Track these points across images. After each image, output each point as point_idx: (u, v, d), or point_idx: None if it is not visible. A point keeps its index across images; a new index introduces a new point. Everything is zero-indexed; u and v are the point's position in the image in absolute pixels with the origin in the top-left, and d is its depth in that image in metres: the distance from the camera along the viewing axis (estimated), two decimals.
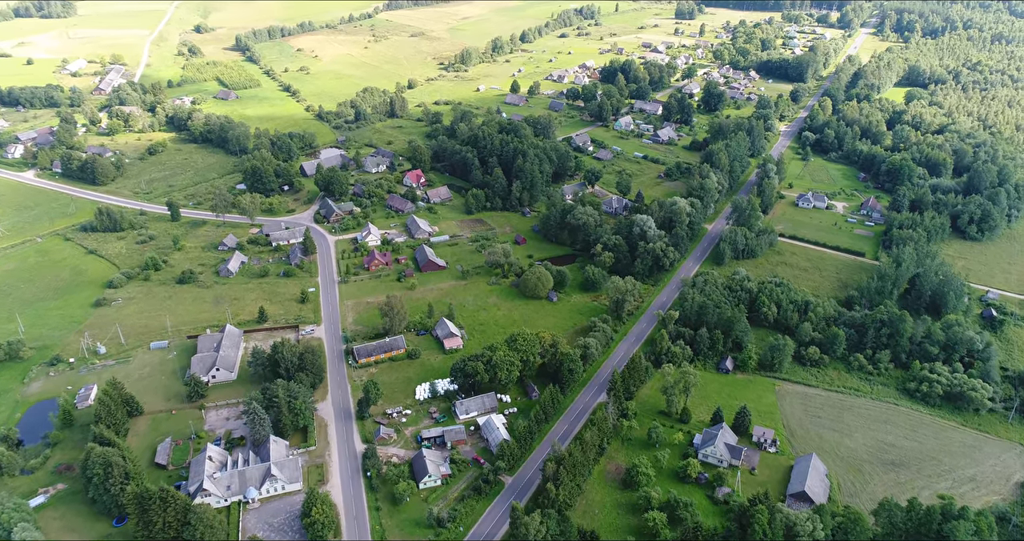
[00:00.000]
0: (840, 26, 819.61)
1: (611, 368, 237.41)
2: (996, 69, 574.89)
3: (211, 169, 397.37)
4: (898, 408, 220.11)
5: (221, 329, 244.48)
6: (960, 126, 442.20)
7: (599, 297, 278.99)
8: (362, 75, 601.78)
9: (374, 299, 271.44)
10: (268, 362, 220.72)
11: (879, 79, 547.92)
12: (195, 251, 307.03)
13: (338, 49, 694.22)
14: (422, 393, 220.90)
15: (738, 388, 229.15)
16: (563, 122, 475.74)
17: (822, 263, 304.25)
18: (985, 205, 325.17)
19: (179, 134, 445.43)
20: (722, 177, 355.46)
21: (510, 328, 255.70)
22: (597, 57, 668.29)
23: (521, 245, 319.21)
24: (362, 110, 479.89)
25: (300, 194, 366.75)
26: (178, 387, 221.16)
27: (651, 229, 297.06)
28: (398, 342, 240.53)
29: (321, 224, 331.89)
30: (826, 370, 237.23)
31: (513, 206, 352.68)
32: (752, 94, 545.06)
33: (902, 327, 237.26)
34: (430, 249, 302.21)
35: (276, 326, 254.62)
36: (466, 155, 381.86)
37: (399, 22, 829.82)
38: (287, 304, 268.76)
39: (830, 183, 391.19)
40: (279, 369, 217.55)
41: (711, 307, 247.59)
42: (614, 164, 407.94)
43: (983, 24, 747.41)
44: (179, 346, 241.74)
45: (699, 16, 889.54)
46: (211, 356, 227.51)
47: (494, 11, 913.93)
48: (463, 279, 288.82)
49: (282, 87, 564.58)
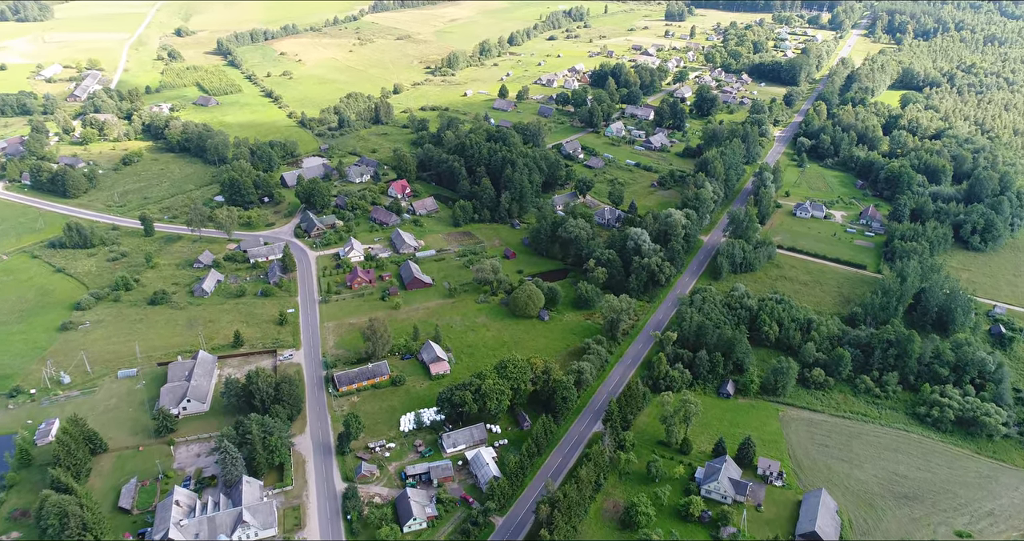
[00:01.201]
0: (831, 27, 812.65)
1: (606, 393, 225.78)
2: (991, 71, 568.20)
3: (188, 180, 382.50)
4: (908, 435, 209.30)
5: (194, 355, 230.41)
6: (957, 131, 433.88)
7: (593, 315, 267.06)
8: (346, 80, 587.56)
9: (356, 320, 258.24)
10: (242, 393, 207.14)
11: (873, 82, 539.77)
12: (169, 269, 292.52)
13: (322, 53, 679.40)
14: (407, 424, 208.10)
15: (740, 414, 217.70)
16: (553, 128, 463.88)
17: (823, 277, 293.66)
18: (988, 214, 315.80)
19: (156, 143, 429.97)
20: (717, 186, 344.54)
21: (500, 351, 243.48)
22: (587, 60, 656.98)
23: (511, 259, 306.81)
24: (346, 117, 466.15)
25: (280, 206, 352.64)
26: (146, 420, 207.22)
27: (646, 243, 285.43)
28: (381, 368, 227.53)
29: (302, 239, 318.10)
30: (831, 393, 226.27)
31: (502, 218, 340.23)
32: (745, 98, 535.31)
33: (910, 348, 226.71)
34: (415, 265, 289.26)
35: (253, 351, 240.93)
36: (453, 164, 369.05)
37: (385, 24, 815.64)
38: (265, 326, 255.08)
39: (827, 191, 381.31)
40: (254, 401, 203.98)
41: (710, 327, 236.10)
42: (606, 172, 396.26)
43: (975, 25, 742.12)
44: (149, 374, 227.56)
45: (689, 18, 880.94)
46: (182, 386, 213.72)
47: (481, 13, 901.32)
48: (450, 297, 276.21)
49: (264, 93, 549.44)
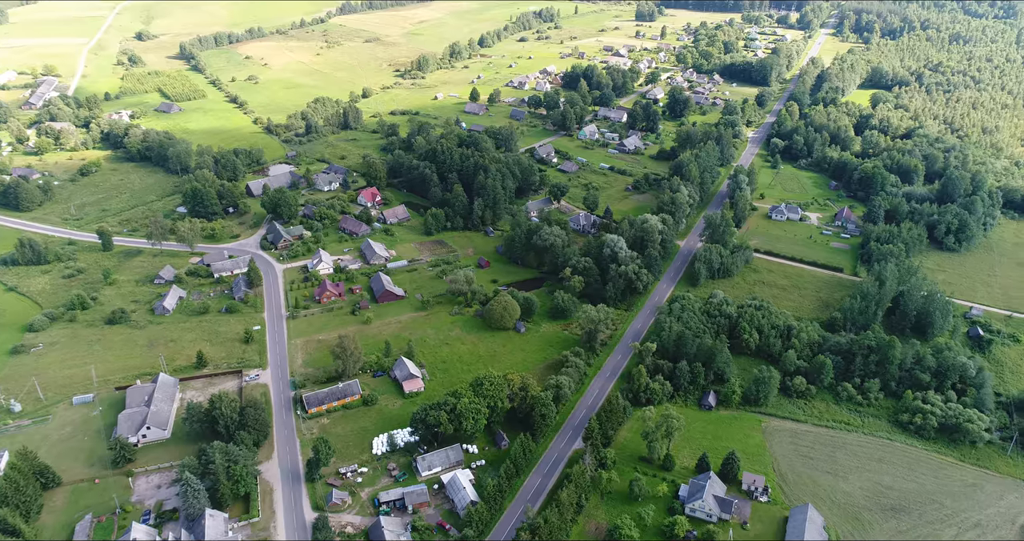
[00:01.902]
0: (800, 27, 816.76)
1: (586, 408, 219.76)
2: (957, 70, 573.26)
3: (149, 191, 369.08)
4: (892, 443, 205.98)
5: (154, 378, 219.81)
6: (928, 130, 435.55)
7: (570, 326, 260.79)
8: (314, 84, 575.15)
9: (326, 336, 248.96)
10: (205, 419, 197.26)
11: (843, 81, 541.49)
12: (128, 285, 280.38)
13: (289, 56, 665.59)
14: (379, 446, 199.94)
15: (723, 426, 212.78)
16: (525, 132, 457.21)
17: (800, 281, 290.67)
18: (962, 214, 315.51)
19: (115, 152, 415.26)
20: (693, 190, 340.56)
21: (475, 365, 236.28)
22: (558, 62, 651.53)
23: (485, 269, 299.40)
24: (313, 122, 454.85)
25: (246, 217, 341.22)
26: (103, 450, 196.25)
27: (622, 250, 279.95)
28: (352, 387, 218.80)
29: (268, 251, 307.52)
30: (813, 402, 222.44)
31: (475, 225, 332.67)
32: (717, 99, 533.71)
33: (891, 354, 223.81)
34: (387, 277, 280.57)
35: (216, 372, 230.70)
36: (424, 171, 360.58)
37: (353, 27, 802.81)
38: (229, 345, 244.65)
39: (802, 192, 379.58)
40: (218, 427, 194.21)
41: (690, 337, 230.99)
42: (580, 177, 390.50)
43: (940, 24, 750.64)
44: (106, 400, 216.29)
45: (659, 18, 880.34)
46: (141, 412, 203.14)
47: (451, 15, 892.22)
48: (423, 310, 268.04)
49: (229, 98, 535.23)
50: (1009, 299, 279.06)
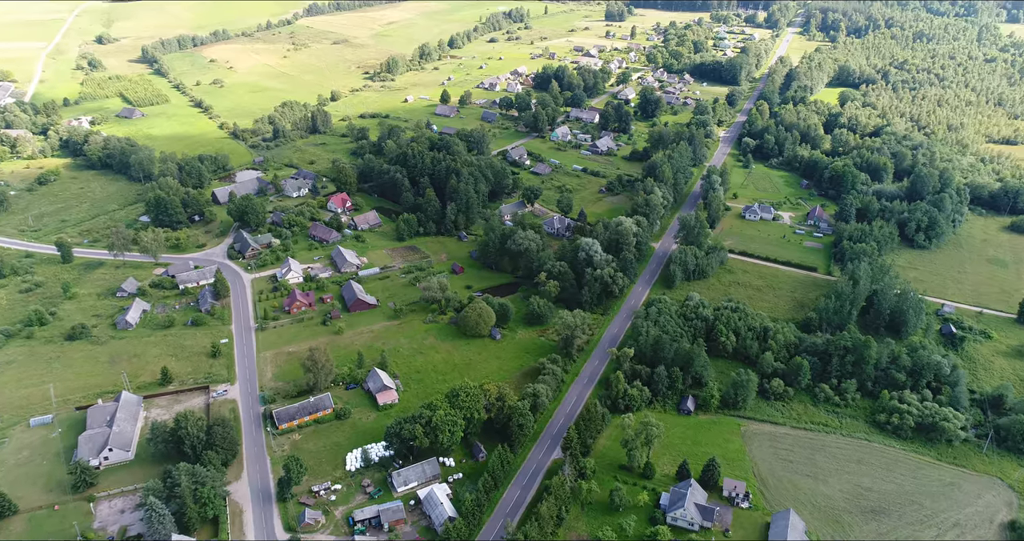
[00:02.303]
0: (768, 26, 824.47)
1: (564, 416, 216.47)
2: (922, 68, 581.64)
3: (111, 199, 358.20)
4: (871, 444, 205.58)
5: (116, 397, 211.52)
6: (895, 127, 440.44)
7: (546, 331, 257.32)
8: (281, 87, 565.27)
9: (296, 348, 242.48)
10: (171, 438, 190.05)
11: (811, 80, 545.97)
12: (89, 299, 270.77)
13: (255, 59, 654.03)
14: (353, 462, 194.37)
15: (702, 431, 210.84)
16: (497, 134, 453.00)
17: (775, 281, 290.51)
18: (931, 211, 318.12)
19: (75, 160, 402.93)
20: (667, 191, 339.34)
21: (451, 375, 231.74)
22: (529, 62, 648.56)
23: (459, 274, 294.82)
24: (281, 127, 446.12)
25: (212, 226, 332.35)
26: (62, 474, 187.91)
27: (597, 254, 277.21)
28: (324, 401, 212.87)
29: (235, 260, 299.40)
30: (791, 404, 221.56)
31: (448, 230, 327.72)
32: (688, 98, 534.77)
33: (867, 354, 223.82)
34: (359, 285, 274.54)
35: (182, 388, 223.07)
36: (395, 175, 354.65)
37: (320, 28, 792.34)
38: (196, 360, 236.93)
39: (774, 191, 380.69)
40: (184, 447, 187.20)
41: (667, 341, 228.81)
42: (553, 179, 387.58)
43: (904, 22, 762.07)
44: (66, 421, 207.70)
45: (629, 18, 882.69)
46: (103, 432, 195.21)
47: (420, 15, 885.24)
48: (396, 318, 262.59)
49: (193, 102, 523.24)
50: (979, 295, 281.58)
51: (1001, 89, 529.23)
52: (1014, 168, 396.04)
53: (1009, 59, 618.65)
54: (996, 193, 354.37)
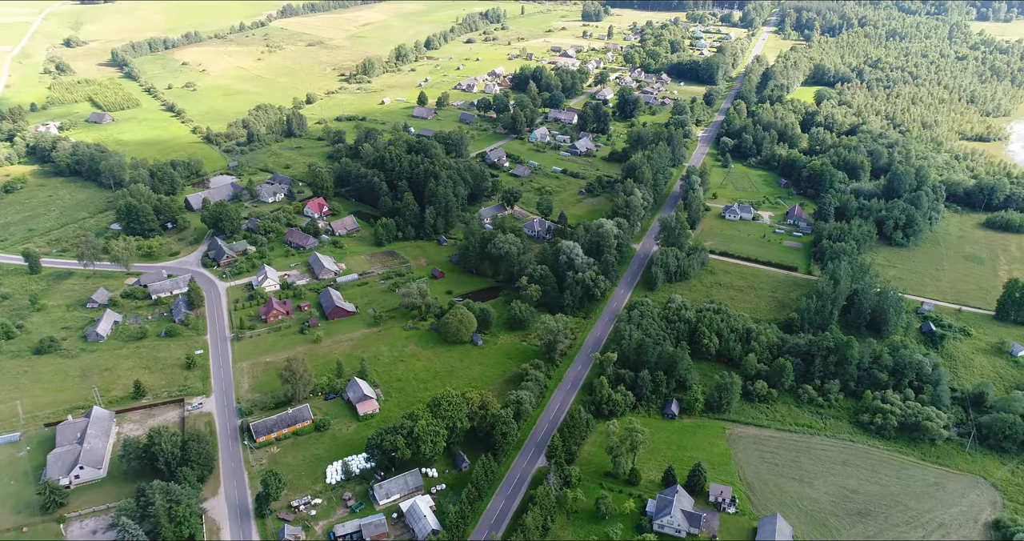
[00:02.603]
0: (743, 25, 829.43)
1: (548, 423, 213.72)
2: (896, 66, 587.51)
3: (80, 207, 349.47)
4: (855, 445, 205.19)
5: (87, 412, 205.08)
6: (871, 125, 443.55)
7: (528, 336, 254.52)
8: (255, 90, 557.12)
9: (273, 358, 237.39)
10: (144, 455, 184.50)
11: (787, 79, 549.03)
12: (58, 311, 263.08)
13: (228, 61, 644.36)
14: (334, 475, 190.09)
15: (687, 436, 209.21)
16: (475, 136, 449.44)
17: (756, 281, 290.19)
18: (908, 209, 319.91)
19: (42, 167, 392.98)
20: (647, 192, 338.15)
21: (432, 382, 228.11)
22: (506, 63, 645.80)
23: (439, 280, 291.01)
24: (256, 130, 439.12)
25: (185, 233, 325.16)
26: (31, 495, 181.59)
27: (579, 257, 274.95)
28: (303, 413, 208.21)
29: (210, 268, 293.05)
30: (775, 406, 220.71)
31: (427, 234, 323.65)
32: (666, 98, 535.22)
33: (849, 354, 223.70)
34: (336, 292, 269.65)
35: (156, 402, 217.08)
36: (373, 179, 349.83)
37: (295, 30, 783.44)
38: (170, 372, 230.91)
39: (753, 191, 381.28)
40: (158, 464, 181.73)
41: (650, 345, 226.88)
42: (532, 181, 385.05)
43: (877, 21, 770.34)
44: (34, 438, 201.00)
45: (605, 18, 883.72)
46: (73, 450, 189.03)
47: (396, 16, 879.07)
48: (376, 325, 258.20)
49: (165, 107, 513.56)
50: (957, 293, 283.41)
51: (973, 86, 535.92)
52: (987, 165, 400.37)
53: (980, 57, 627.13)
54: (971, 190, 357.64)
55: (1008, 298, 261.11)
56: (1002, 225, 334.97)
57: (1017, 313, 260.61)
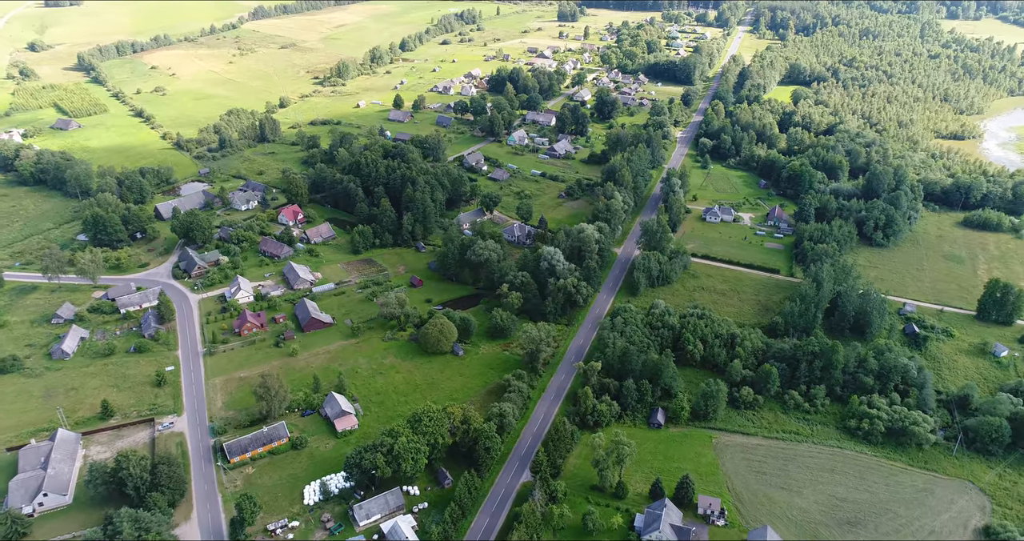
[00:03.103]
0: (718, 25, 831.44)
1: (532, 435, 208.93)
2: (870, 65, 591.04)
3: (45, 218, 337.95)
4: (842, 452, 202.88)
5: (52, 435, 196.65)
6: (848, 125, 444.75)
7: (510, 345, 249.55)
8: (227, 94, 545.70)
9: (248, 373, 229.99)
10: (111, 480, 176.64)
11: (764, 79, 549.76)
12: (21, 327, 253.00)
13: (199, 65, 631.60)
14: (312, 495, 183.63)
15: (674, 446, 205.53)
16: (453, 139, 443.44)
17: (739, 284, 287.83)
18: (888, 209, 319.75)
19: (5, 175, 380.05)
20: (627, 195, 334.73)
21: (412, 396, 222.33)
22: (483, 65, 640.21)
23: (418, 288, 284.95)
24: (227, 136, 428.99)
25: (155, 243, 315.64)
26: None
27: (560, 263, 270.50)
28: (279, 431, 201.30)
29: (181, 280, 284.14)
30: (762, 412, 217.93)
31: (405, 241, 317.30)
32: (644, 99, 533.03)
33: (835, 358, 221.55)
34: (312, 303, 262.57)
35: (125, 422, 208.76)
36: (348, 185, 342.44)
37: (267, 32, 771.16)
38: (139, 390, 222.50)
39: (733, 192, 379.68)
40: (126, 489, 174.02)
41: (635, 353, 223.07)
42: (511, 184, 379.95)
43: (850, 20, 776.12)
44: None
45: (581, 18, 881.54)
46: (36, 476, 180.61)
47: (370, 18, 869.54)
48: (354, 337, 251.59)
49: (134, 112, 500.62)
50: (938, 293, 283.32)
51: (946, 85, 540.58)
52: (963, 163, 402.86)
53: (952, 55, 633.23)
54: (948, 189, 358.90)
55: (989, 298, 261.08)
56: (980, 224, 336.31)
57: (998, 313, 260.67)
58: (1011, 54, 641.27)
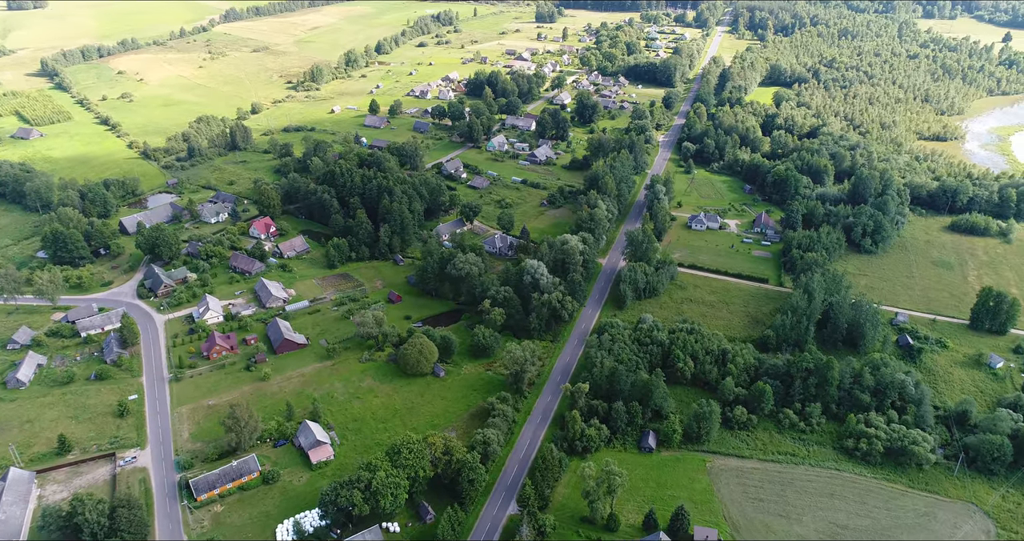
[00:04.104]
0: (697, 25, 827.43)
1: (518, 462, 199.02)
2: (850, 66, 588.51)
3: (3, 234, 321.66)
4: (841, 474, 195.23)
5: (3, 475, 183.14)
6: (831, 127, 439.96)
7: (493, 364, 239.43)
8: (197, 100, 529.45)
9: (216, 400, 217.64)
10: (67, 525, 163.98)
11: (745, 80, 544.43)
12: None
13: (168, 70, 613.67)
14: (284, 534, 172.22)
15: (666, 471, 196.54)
16: (431, 145, 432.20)
17: (727, 295, 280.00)
18: (876, 215, 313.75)
19: None
20: (611, 203, 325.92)
21: (391, 422, 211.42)
22: (460, 67, 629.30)
23: (396, 304, 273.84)
24: (197, 144, 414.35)
25: (120, 260, 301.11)
26: None
27: (544, 277, 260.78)
28: (249, 464, 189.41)
29: (147, 300, 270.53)
30: (756, 432, 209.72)
31: (383, 254, 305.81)
32: (625, 102, 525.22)
33: (830, 375, 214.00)
34: (285, 323, 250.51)
35: (84, 458, 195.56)
36: (323, 196, 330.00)
37: (239, 35, 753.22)
38: (100, 421, 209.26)
39: (718, 198, 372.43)
40: (83, 535, 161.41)
41: (623, 373, 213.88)
42: (492, 192, 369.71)
43: (828, 20, 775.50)
44: None
45: (560, 19, 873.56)
46: None
47: (345, 20, 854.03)
48: (329, 358, 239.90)
49: (99, 120, 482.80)
50: (930, 301, 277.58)
51: (927, 85, 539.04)
52: (948, 165, 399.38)
53: (930, 55, 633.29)
54: (934, 192, 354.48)
55: (982, 307, 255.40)
56: (967, 228, 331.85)
57: (991, 322, 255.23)
58: (988, 54, 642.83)
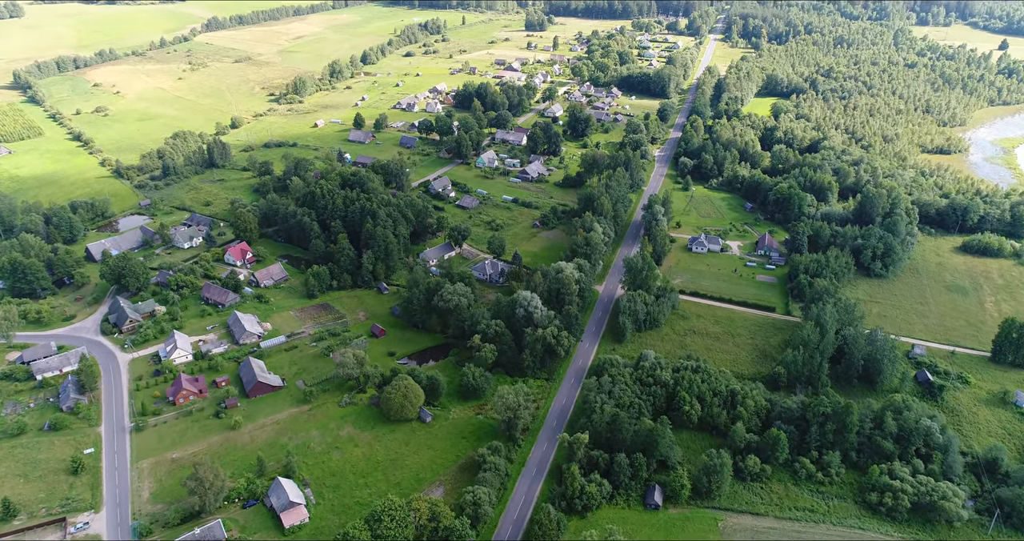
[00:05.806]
0: (690, 33, 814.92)
1: (511, 523, 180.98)
2: (848, 75, 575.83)
3: None
4: (864, 534, 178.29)
5: None
6: (832, 141, 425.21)
7: (484, 407, 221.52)
8: (175, 114, 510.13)
9: (181, 453, 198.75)
10: None
11: (741, 91, 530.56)
12: None
13: (146, 82, 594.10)
14: None
15: (675, 531, 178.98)
16: (417, 162, 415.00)
17: (732, 326, 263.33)
18: (886, 237, 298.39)
19: None
20: (607, 225, 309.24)
21: (373, 476, 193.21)
22: (448, 78, 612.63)
23: (380, 338, 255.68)
24: (172, 162, 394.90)
25: (85, 290, 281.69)
26: None
27: (538, 310, 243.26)
28: (214, 531, 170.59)
29: (111, 336, 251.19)
30: (771, 484, 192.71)
31: (366, 282, 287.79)
32: (618, 114, 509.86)
33: (849, 421, 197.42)
34: (259, 363, 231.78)
35: (32, 524, 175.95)
36: (303, 218, 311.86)
37: (221, 45, 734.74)
38: (51, 479, 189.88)
39: (718, 217, 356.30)
40: None
41: (625, 420, 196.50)
42: (481, 213, 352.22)
43: (823, 27, 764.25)
44: None
45: (550, 27, 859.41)
46: None
47: (330, 29, 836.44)
48: (306, 402, 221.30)
49: (72, 135, 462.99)
50: (947, 330, 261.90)
51: (927, 96, 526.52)
52: (955, 181, 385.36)
53: (928, 63, 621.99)
54: (944, 210, 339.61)
55: (1005, 339, 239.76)
56: (980, 249, 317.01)
57: (1015, 355, 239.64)
58: (987, 62, 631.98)
